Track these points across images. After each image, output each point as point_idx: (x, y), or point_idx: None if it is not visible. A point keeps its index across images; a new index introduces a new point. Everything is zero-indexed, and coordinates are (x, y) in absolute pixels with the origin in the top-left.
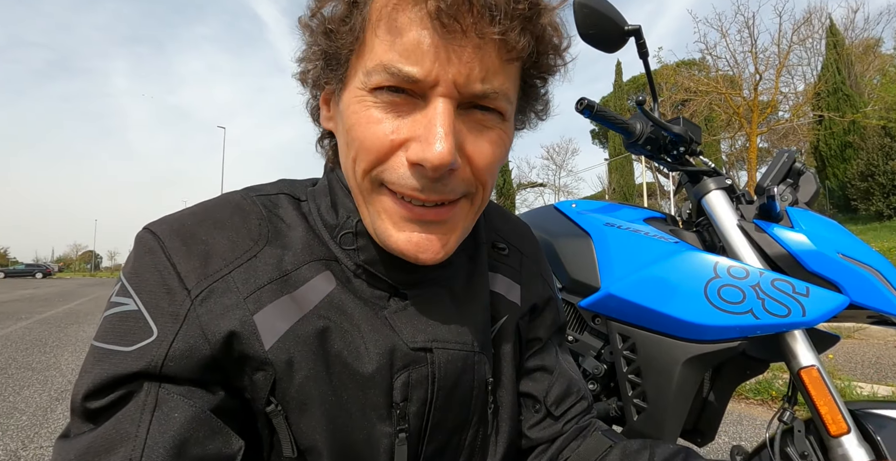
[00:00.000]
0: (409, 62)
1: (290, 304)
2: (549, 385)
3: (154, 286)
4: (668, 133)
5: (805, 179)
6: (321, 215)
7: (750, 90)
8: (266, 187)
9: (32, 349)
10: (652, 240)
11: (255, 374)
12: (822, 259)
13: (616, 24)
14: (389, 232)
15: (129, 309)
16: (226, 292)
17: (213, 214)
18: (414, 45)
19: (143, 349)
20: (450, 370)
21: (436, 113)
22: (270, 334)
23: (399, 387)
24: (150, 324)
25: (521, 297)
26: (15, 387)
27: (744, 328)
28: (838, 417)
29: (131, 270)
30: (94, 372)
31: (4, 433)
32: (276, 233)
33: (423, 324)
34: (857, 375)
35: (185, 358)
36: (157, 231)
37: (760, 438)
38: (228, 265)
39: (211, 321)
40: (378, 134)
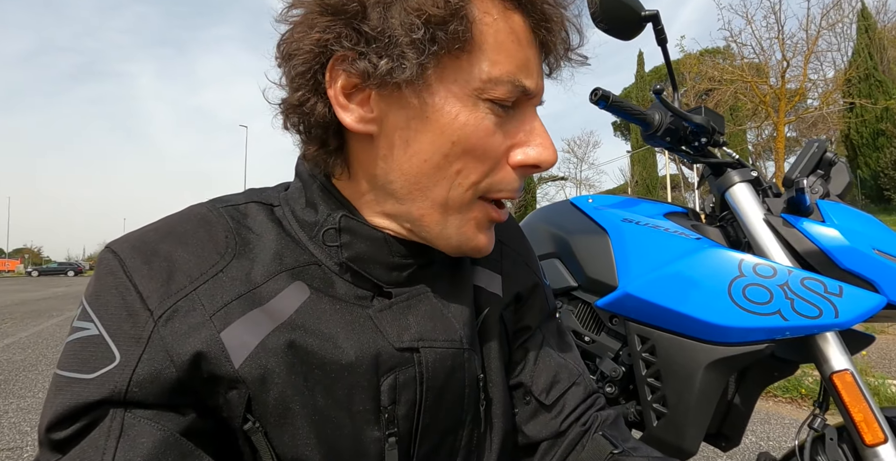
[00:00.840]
0: (526, 76)
1: (261, 317)
2: (535, 373)
3: (115, 309)
4: (689, 123)
5: (837, 170)
6: (297, 217)
7: (777, 78)
8: (234, 197)
9: (62, 346)
10: (672, 236)
11: (229, 393)
12: (856, 255)
13: (632, 10)
14: (472, 234)
15: (91, 333)
16: (190, 311)
17: (177, 228)
18: (526, 59)
19: (105, 376)
20: (438, 369)
21: (538, 121)
22: (240, 351)
23: (386, 390)
24: (112, 349)
25: (503, 288)
26: (44, 383)
27: (771, 330)
28: (874, 425)
29: (92, 293)
30: (56, 402)
31: (33, 428)
32: (244, 244)
33: (409, 323)
34: (892, 373)
35: (151, 382)
36: (118, 250)
37: (789, 438)
38: (193, 282)
39: (176, 342)
40: (495, 145)
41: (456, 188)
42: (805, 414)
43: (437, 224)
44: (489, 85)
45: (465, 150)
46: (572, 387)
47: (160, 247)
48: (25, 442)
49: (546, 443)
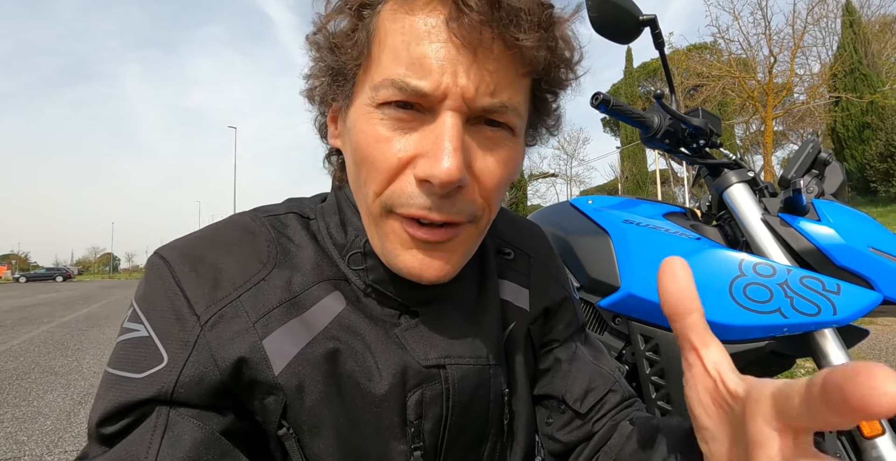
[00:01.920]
0: (417, 76)
1: (299, 327)
2: (569, 382)
3: (164, 312)
4: (688, 126)
5: (831, 170)
6: (330, 234)
7: (764, 73)
8: (275, 207)
9: (55, 353)
10: (673, 237)
11: (266, 399)
12: (851, 253)
13: (630, 15)
14: (396, 252)
15: (140, 335)
16: (234, 317)
17: (222, 237)
18: (421, 57)
19: (153, 376)
20: (464, 386)
21: (444, 128)
22: (280, 359)
23: (413, 405)
24: (160, 351)
25: (531, 302)
26: (39, 392)
27: (772, 327)
28: (874, 421)
29: (142, 296)
30: (106, 398)
31: (30, 438)
32: (284, 254)
33: (436, 341)
34: (883, 363)
35: (196, 384)
36: (167, 256)
37: None
38: (237, 289)
39: (220, 347)
40: (386, 153)
41: (367, 197)
42: None
43: (372, 237)
44: (375, 91)
45: (362, 157)
46: (608, 393)
47: (206, 255)
48: (23, 451)
49: (581, 445)
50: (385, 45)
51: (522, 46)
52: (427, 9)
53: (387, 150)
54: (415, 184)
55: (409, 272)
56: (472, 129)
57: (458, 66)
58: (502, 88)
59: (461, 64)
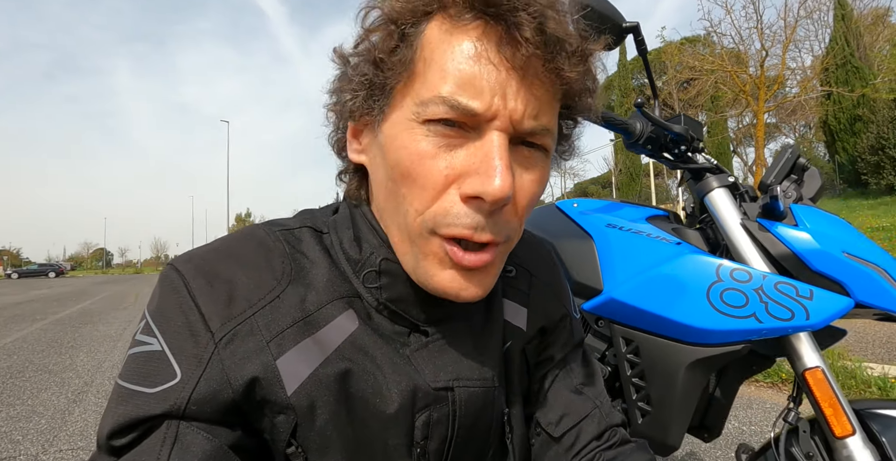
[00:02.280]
0: (469, 95)
1: (312, 347)
2: (547, 404)
3: (178, 327)
4: (669, 132)
5: (809, 175)
6: (344, 249)
7: (756, 67)
8: (289, 221)
9: (49, 351)
10: (654, 242)
11: (277, 418)
12: (826, 258)
13: (614, 22)
14: (433, 272)
15: (153, 349)
16: (249, 336)
17: (237, 251)
18: (473, 77)
19: (166, 391)
20: (470, 407)
21: (493, 146)
22: (293, 379)
23: (420, 426)
24: (173, 367)
25: (528, 321)
26: (33, 391)
27: (747, 332)
28: (843, 419)
29: (156, 309)
30: (117, 412)
31: (25, 437)
32: (299, 270)
33: (445, 362)
34: (868, 356)
35: (208, 402)
36: (182, 269)
37: (770, 422)
38: (252, 307)
39: (234, 366)
40: (432, 169)
41: (406, 214)
42: (785, 398)
43: (405, 255)
44: (422, 107)
45: (403, 173)
46: (584, 420)
47: (221, 270)
48: (18, 451)
49: None
50: (432, 63)
51: (565, 76)
52: (478, 32)
53: (432, 166)
54: (460, 202)
55: (445, 293)
56: (512, 149)
57: (508, 89)
58: (544, 112)
59: (510, 87)
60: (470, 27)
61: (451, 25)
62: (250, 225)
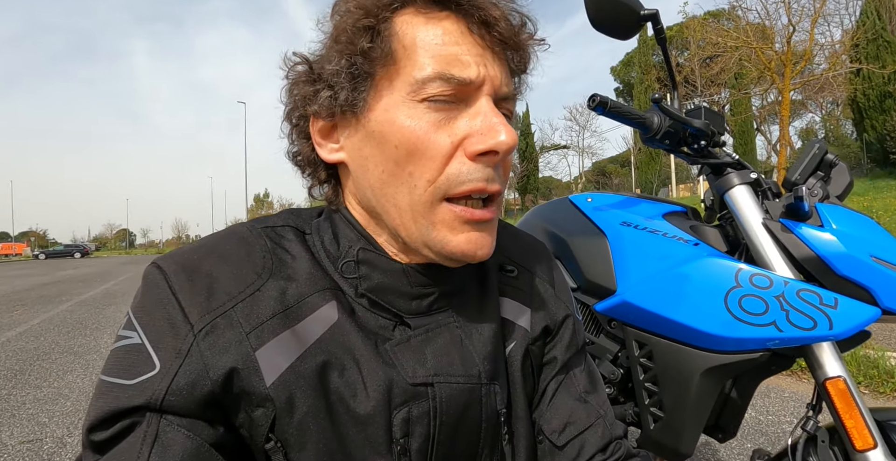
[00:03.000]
0: (459, 69)
1: (291, 339)
2: (550, 412)
3: (158, 320)
4: (689, 127)
5: (837, 171)
6: (325, 247)
7: (782, 44)
8: (272, 219)
9: (74, 332)
10: (670, 242)
11: (255, 411)
12: (853, 262)
13: (631, 9)
14: (447, 238)
15: (133, 342)
16: (228, 327)
17: (219, 247)
18: (458, 54)
19: (144, 382)
20: (452, 404)
21: (488, 108)
22: (272, 371)
23: (399, 423)
24: (152, 358)
25: (531, 321)
26: (59, 372)
27: (766, 340)
28: (864, 432)
29: (138, 305)
30: (97, 405)
31: (51, 419)
32: (280, 264)
33: (426, 357)
34: (893, 345)
35: (187, 392)
36: (164, 266)
37: (787, 412)
38: (232, 299)
39: (213, 357)
40: (439, 139)
41: (414, 190)
42: (804, 386)
43: (413, 232)
44: (419, 86)
45: (410, 151)
46: (588, 430)
47: (202, 265)
48: (45, 434)
49: None
50: (416, 48)
51: (520, 51)
52: (448, 20)
53: (438, 137)
54: (469, 162)
55: (463, 254)
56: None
57: (486, 60)
58: (509, 82)
59: (487, 59)
60: (441, 16)
61: (423, 16)
62: (234, 224)
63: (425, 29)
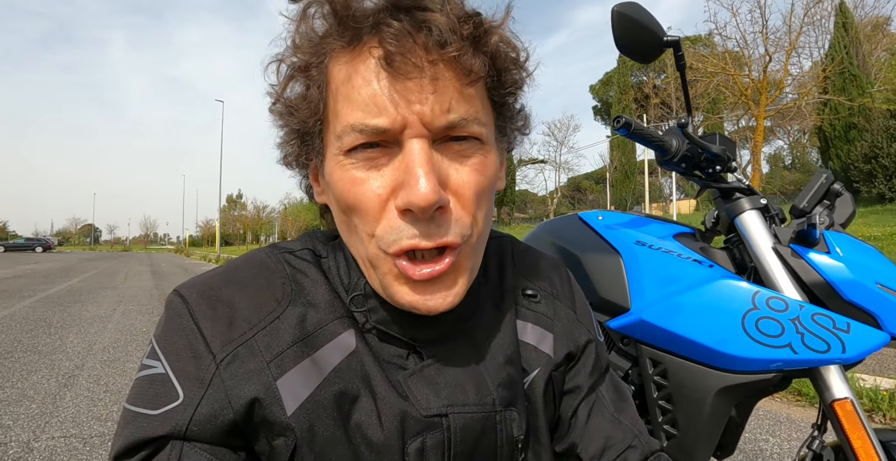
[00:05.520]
0: (372, 115)
1: (311, 368)
2: (587, 437)
3: (181, 350)
4: (706, 152)
5: (842, 201)
6: (339, 274)
7: (759, 71)
8: (291, 244)
9: (37, 330)
10: (686, 263)
11: (276, 440)
12: (860, 289)
13: (654, 35)
14: (397, 290)
15: (157, 372)
16: (249, 357)
17: (239, 275)
18: (371, 97)
19: (168, 413)
20: (467, 434)
21: (412, 155)
22: (293, 400)
23: (413, 453)
24: (176, 388)
25: (554, 347)
26: (22, 373)
27: (781, 362)
28: (871, 451)
29: (161, 333)
30: (123, 434)
31: (15, 422)
32: (299, 290)
33: (440, 387)
34: (860, 368)
35: (209, 422)
36: (186, 294)
37: (762, 429)
38: (252, 328)
39: (235, 386)
40: (367, 193)
41: (362, 241)
42: (776, 405)
43: (372, 279)
44: (339, 140)
45: (347, 205)
46: (627, 450)
47: (223, 294)
48: (9, 437)
49: None
50: (339, 96)
51: (458, 60)
52: (363, 54)
53: (366, 190)
54: (398, 216)
55: (413, 307)
56: (441, 147)
57: (410, 95)
58: (456, 104)
59: (411, 92)
60: (363, 51)
61: (348, 55)
62: (255, 249)
63: (345, 72)
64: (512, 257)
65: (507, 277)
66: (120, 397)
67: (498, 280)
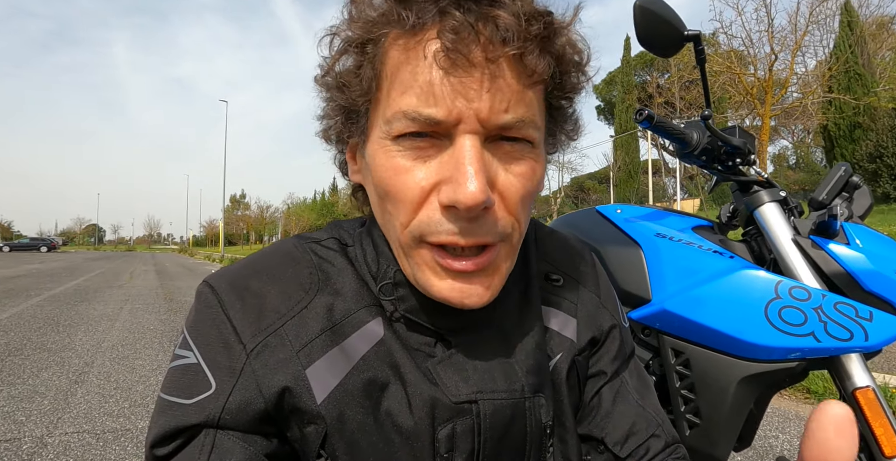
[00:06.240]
0: (427, 105)
1: (339, 356)
2: (611, 423)
3: (212, 340)
4: (727, 145)
5: (860, 193)
6: (367, 262)
7: (764, 70)
8: (317, 234)
9: (46, 328)
10: (707, 254)
11: (307, 428)
12: (880, 279)
13: (676, 29)
14: (431, 281)
15: (190, 362)
16: (279, 346)
17: (267, 265)
18: (429, 86)
19: (202, 402)
20: (496, 420)
21: (463, 151)
22: (322, 388)
23: (443, 439)
24: (208, 378)
25: (578, 333)
26: (33, 370)
27: (804, 350)
28: (893, 438)
29: (192, 324)
30: (159, 422)
31: (28, 418)
32: (326, 280)
33: (469, 374)
34: (870, 366)
35: (241, 411)
36: (216, 285)
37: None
38: (281, 318)
39: (265, 376)
40: (409, 183)
41: (396, 229)
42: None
43: (405, 267)
44: (388, 124)
45: (385, 191)
46: (651, 438)
47: (252, 284)
48: (22, 432)
49: None
50: (394, 79)
51: (522, 59)
52: (427, 38)
53: (409, 180)
54: (440, 210)
55: (448, 301)
56: (491, 146)
57: (470, 89)
58: (515, 104)
59: (469, 87)
60: (424, 38)
61: (407, 39)
62: (282, 239)
63: (405, 55)
64: (535, 241)
65: (531, 262)
66: (131, 394)
67: (523, 266)
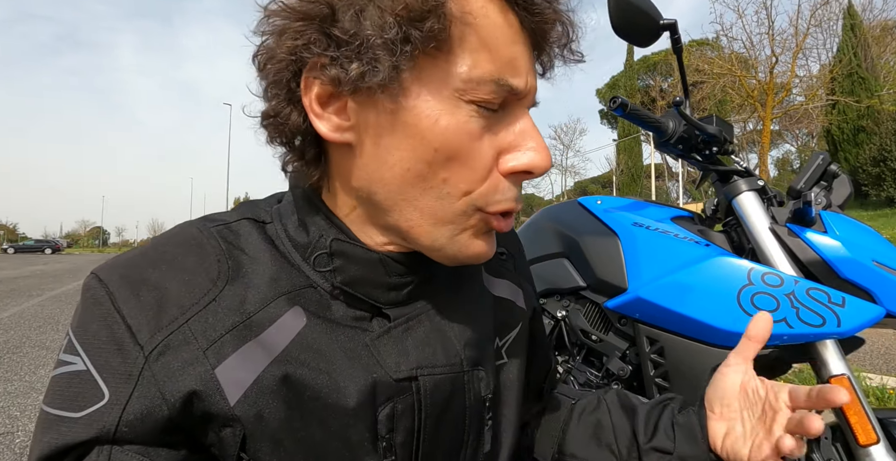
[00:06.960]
0: (512, 75)
1: (256, 350)
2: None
3: (103, 342)
4: (703, 133)
5: (839, 182)
6: (290, 236)
7: (765, 73)
8: (225, 215)
9: (45, 327)
10: (682, 242)
11: (223, 432)
12: (856, 266)
13: (651, 18)
14: (469, 243)
15: (77, 368)
16: (183, 345)
17: (167, 254)
18: (515, 57)
19: (93, 415)
20: (437, 396)
21: (530, 122)
22: (235, 388)
23: (383, 419)
24: (100, 386)
25: (525, 302)
26: (30, 367)
27: (777, 336)
28: (868, 427)
29: (78, 324)
30: (43, 441)
31: (23, 413)
32: (237, 268)
33: (408, 349)
34: (867, 366)
35: (141, 422)
36: (105, 278)
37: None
38: (185, 313)
39: (168, 380)
40: (481, 150)
41: (445, 198)
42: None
43: (427, 235)
44: (471, 85)
45: (449, 156)
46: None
47: (149, 275)
48: (16, 427)
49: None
50: (473, 39)
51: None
52: (507, 8)
53: (481, 147)
54: (504, 179)
55: (477, 258)
56: None
57: (531, 63)
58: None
59: (531, 63)
60: (496, 4)
61: (479, 3)
62: (183, 223)
63: (486, 19)
64: None
65: None
66: None
67: None
